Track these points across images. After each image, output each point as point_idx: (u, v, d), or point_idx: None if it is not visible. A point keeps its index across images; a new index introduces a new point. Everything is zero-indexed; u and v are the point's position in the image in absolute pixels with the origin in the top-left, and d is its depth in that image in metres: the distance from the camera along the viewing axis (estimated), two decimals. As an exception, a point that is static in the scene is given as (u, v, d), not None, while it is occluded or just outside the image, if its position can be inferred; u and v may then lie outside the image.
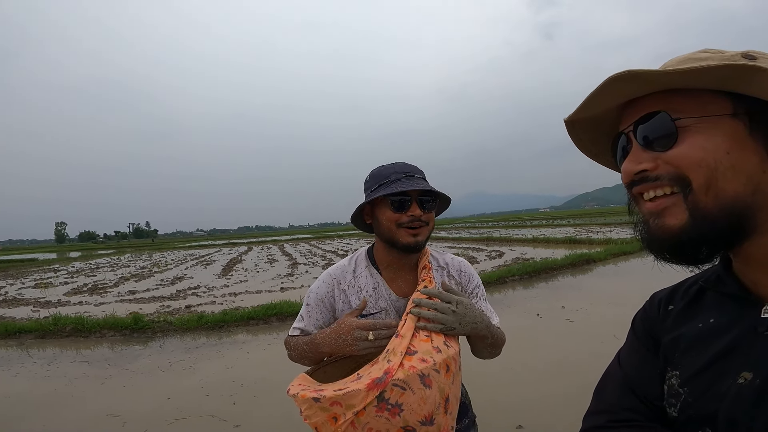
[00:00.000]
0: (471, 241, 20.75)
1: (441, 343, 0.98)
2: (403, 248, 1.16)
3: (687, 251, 0.48)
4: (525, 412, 2.91)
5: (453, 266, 1.30)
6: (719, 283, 0.55)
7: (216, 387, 3.93)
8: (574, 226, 27.17)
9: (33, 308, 8.64)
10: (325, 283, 1.25)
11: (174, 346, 5.51)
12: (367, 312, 1.20)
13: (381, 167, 1.22)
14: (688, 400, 0.52)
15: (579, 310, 5.72)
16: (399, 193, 1.12)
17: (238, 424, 3.16)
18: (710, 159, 0.45)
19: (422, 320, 1.03)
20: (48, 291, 11.58)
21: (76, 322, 6.35)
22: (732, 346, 0.50)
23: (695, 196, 0.46)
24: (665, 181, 0.47)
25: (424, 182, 1.17)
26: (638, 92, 0.50)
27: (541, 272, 8.92)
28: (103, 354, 5.36)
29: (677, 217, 0.47)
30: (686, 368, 0.54)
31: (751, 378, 0.46)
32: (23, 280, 15.08)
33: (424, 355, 0.92)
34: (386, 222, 1.16)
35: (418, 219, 1.14)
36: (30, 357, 5.34)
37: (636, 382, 0.59)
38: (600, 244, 13.64)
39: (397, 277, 1.23)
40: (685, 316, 0.58)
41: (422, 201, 1.15)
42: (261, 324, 6.26)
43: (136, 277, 13.82)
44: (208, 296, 9.02)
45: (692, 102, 0.47)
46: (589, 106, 0.52)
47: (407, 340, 0.96)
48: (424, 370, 0.89)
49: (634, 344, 0.64)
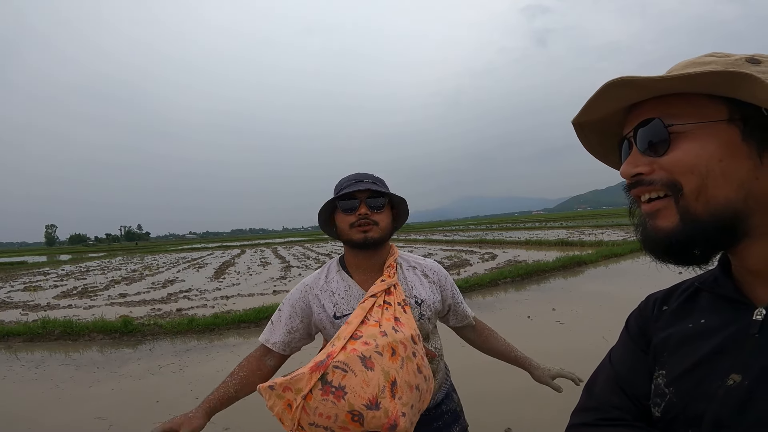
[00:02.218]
0: (464, 244, 20.81)
1: (389, 328, 0.99)
2: (356, 245, 1.23)
3: (677, 252, 0.49)
4: (513, 415, 2.94)
5: (427, 267, 1.36)
6: (715, 285, 0.56)
7: (205, 390, 3.88)
8: (566, 228, 27.34)
9: (22, 311, 8.53)
10: (298, 290, 1.31)
11: (164, 349, 5.47)
12: (341, 313, 1.22)
13: (341, 179, 1.29)
14: (673, 400, 0.52)
15: (569, 312, 5.76)
16: (343, 196, 1.21)
17: (227, 427, 3.16)
18: (702, 166, 0.46)
19: (373, 308, 1.08)
20: (37, 294, 11.42)
21: (65, 326, 6.29)
22: (722, 347, 0.50)
23: (686, 201, 0.47)
24: (658, 185, 0.48)
25: (372, 185, 1.24)
26: (636, 97, 0.51)
27: (533, 275, 8.97)
28: (91, 357, 5.31)
29: (669, 219, 0.48)
30: (673, 368, 0.54)
31: (740, 380, 0.46)
32: (12, 283, 14.89)
33: (368, 338, 0.94)
34: (341, 225, 1.25)
35: (365, 217, 1.21)
36: (18, 360, 5.28)
37: (626, 381, 0.59)
38: (591, 246, 13.75)
39: (367, 278, 1.27)
40: (677, 317, 0.59)
41: (370, 202, 1.23)
42: (252, 327, 6.23)
43: (127, 281, 13.68)
44: (200, 299, 8.96)
45: (689, 107, 0.48)
46: (589, 110, 0.53)
47: (353, 326, 0.98)
48: (365, 352, 0.90)
49: (626, 343, 0.64)
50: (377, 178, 1.29)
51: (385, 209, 1.26)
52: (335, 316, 1.22)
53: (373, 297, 1.14)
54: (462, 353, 1.99)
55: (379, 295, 1.15)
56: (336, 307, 1.23)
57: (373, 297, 1.14)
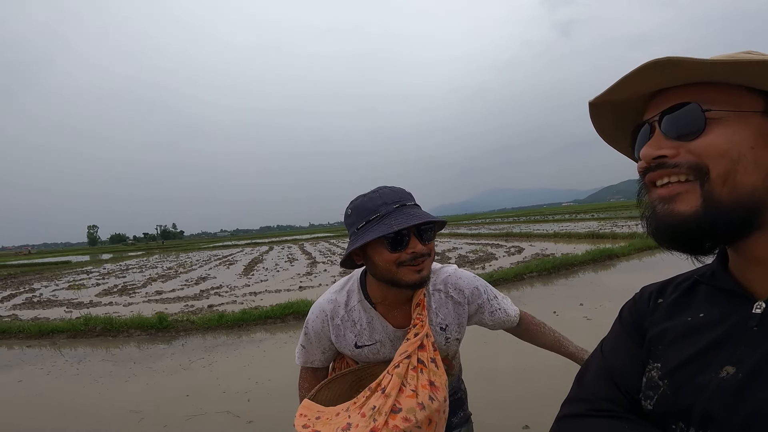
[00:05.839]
0: (490, 237, 20.48)
1: (426, 398, 1.00)
2: (409, 287, 1.07)
3: (693, 239, 0.48)
4: (532, 412, 2.88)
5: (450, 285, 1.22)
6: (713, 278, 0.55)
7: (232, 384, 4.05)
8: (597, 220, 26.44)
9: (66, 309, 9.06)
10: (319, 319, 1.22)
11: (195, 344, 5.69)
12: (363, 344, 1.18)
13: (364, 198, 1.08)
14: (666, 393, 0.51)
15: (598, 307, 5.59)
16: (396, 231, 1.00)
17: (251, 420, 3.26)
18: (734, 151, 0.45)
19: (408, 372, 1.04)
20: (80, 292, 12.11)
21: (106, 322, 6.63)
22: (719, 340, 0.49)
23: (711, 186, 0.46)
24: (683, 168, 0.47)
25: (419, 210, 1.06)
26: (673, 81, 0.50)
27: (561, 268, 8.74)
28: (129, 353, 5.59)
29: (689, 203, 0.47)
30: (669, 361, 0.53)
31: (733, 372, 0.46)
32: (57, 282, 15.76)
33: (408, 413, 0.96)
34: (384, 264, 1.04)
35: (420, 255, 1.03)
36: (62, 356, 5.61)
37: (618, 373, 0.59)
38: (624, 239, 13.26)
39: (392, 309, 1.17)
40: (675, 310, 0.58)
41: (421, 232, 1.04)
42: (278, 323, 6.40)
43: (163, 278, 14.28)
44: (230, 296, 9.26)
45: (725, 96, 0.47)
46: (619, 89, 0.52)
47: (392, 399, 0.99)
48: (407, 428, 0.94)
49: (620, 335, 0.64)
50: (411, 195, 1.10)
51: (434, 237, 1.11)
52: (356, 345, 1.19)
53: (408, 358, 1.05)
54: (480, 355, 1.99)
55: (413, 354, 1.06)
56: (357, 338, 1.18)
57: (407, 358, 1.05)
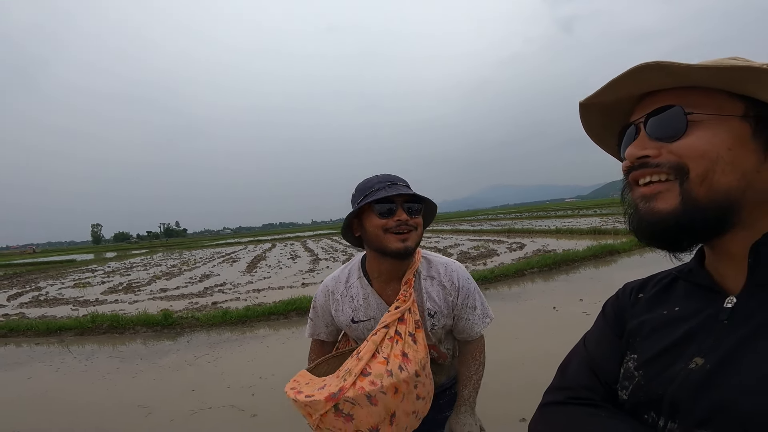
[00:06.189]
0: (492, 233, 20.53)
1: (395, 367, 1.07)
2: (393, 254, 1.17)
3: (672, 236, 0.51)
4: (529, 405, 2.93)
5: (445, 278, 1.29)
6: (690, 275, 0.59)
7: (237, 379, 4.14)
8: (600, 216, 26.36)
9: (72, 307, 9.17)
10: (322, 293, 1.37)
11: (200, 341, 5.78)
12: (359, 319, 1.27)
13: (365, 180, 1.24)
14: (640, 383, 0.54)
15: (597, 303, 5.62)
16: (384, 198, 1.14)
17: (255, 414, 3.34)
18: (712, 152, 0.48)
19: (384, 341, 1.12)
20: (86, 290, 12.24)
21: (112, 320, 6.74)
22: (692, 332, 0.53)
23: (690, 185, 0.48)
24: (665, 168, 0.50)
25: (408, 189, 1.20)
26: (661, 84, 0.52)
27: (562, 264, 8.78)
28: (136, 349, 5.68)
29: (668, 201, 0.50)
30: (644, 352, 0.56)
31: (702, 363, 0.49)
32: (63, 281, 15.91)
33: (375, 378, 1.05)
34: (374, 229, 1.16)
35: (405, 223, 1.16)
36: (70, 353, 5.71)
37: (598, 364, 0.62)
38: (626, 235, 13.25)
39: (387, 286, 1.27)
40: (653, 304, 0.62)
41: (408, 207, 1.17)
42: (281, 319, 6.48)
43: (167, 276, 14.40)
44: (233, 293, 9.35)
45: (708, 100, 0.50)
46: (609, 90, 0.54)
47: (364, 362, 1.07)
48: (371, 391, 1.03)
49: (603, 328, 0.67)
50: (405, 180, 1.24)
51: (421, 214, 1.22)
52: (353, 320, 1.28)
53: (386, 328, 1.14)
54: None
55: (392, 325, 1.14)
56: (354, 312, 1.29)
57: (385, 328, 1.14)
